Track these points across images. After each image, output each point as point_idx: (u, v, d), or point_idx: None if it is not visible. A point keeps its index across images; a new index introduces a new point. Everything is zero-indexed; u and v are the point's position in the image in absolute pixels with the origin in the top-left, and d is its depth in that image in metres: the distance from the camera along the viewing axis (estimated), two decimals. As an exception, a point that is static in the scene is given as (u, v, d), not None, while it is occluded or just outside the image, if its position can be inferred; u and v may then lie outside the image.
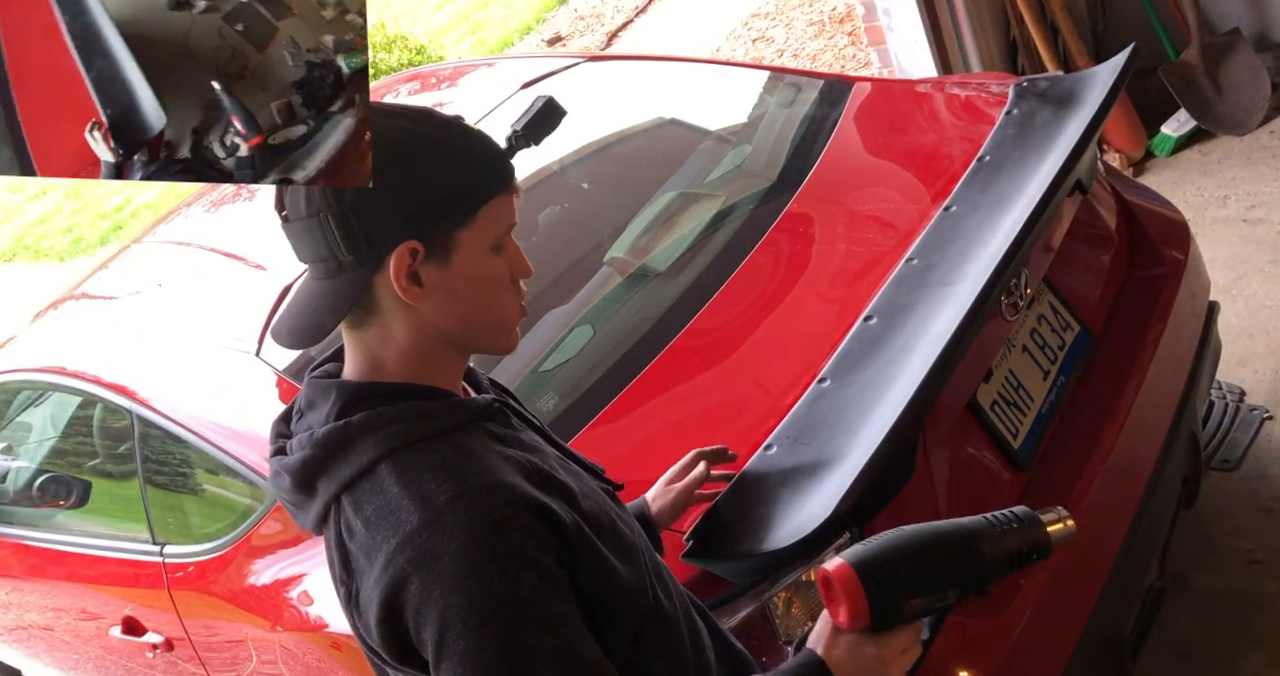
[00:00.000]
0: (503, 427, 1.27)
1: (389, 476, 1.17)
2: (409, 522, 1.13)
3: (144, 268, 3.02)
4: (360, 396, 1.22)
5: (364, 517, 1.17)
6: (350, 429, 1.19)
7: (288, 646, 2.30)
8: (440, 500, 1.14)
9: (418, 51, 7.50)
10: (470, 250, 1.21)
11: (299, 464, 1.22)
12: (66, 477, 3.06)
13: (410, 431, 1.19)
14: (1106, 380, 2.29)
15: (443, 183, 1.19)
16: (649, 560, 1.33)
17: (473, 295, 1.23)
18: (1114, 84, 2.30)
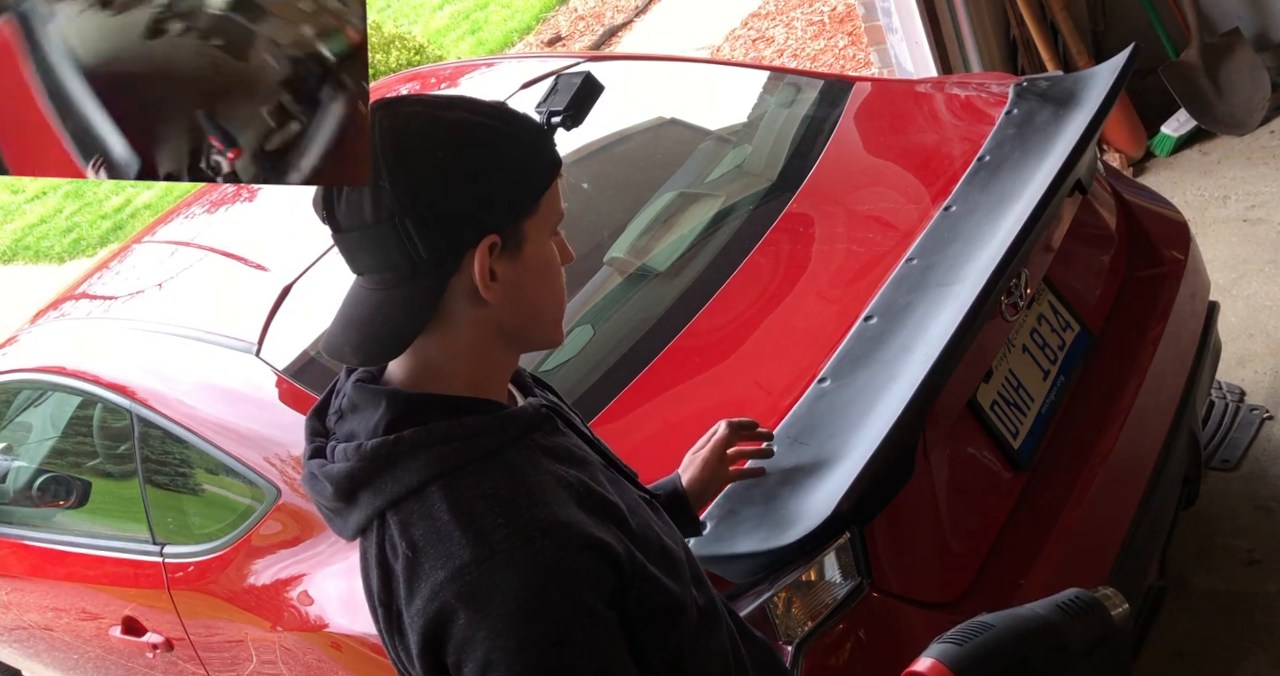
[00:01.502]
0: (551, 437, 1.24)
1: (440, 501, 1.13)
2: (460, 556, 1.10)
3: (144, 268, 3.02)
4: (411, 410, 1.18)
5: (410, 540, 1.13)
6: (401, 445, 1.15)
7: (288, 646, 2.30)
8: (495, 537, 1.10)
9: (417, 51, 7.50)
10: (537, 239, 1.19)
11: (344, 475, 1.18)
12: (66, 477, 3.06)
13: (463, 452, 1.15)
14: (1106, 380, 2.29)
15: (512, 171, 1.17)
16: (690, 567, 1.31)
17: (539, 286, 1.21)
18: (1114, 84, 2.30)
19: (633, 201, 2.61)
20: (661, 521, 1.33)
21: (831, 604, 1.78)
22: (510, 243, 1.17)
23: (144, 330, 2.68)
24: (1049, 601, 1.28)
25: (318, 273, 2.44)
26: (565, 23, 8.48)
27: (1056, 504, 2.07)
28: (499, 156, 1.16)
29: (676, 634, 1.22)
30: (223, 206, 3.09)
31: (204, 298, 2.69)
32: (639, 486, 1.39)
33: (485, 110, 1.18)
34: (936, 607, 1.88)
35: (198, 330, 2.51)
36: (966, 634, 1.23)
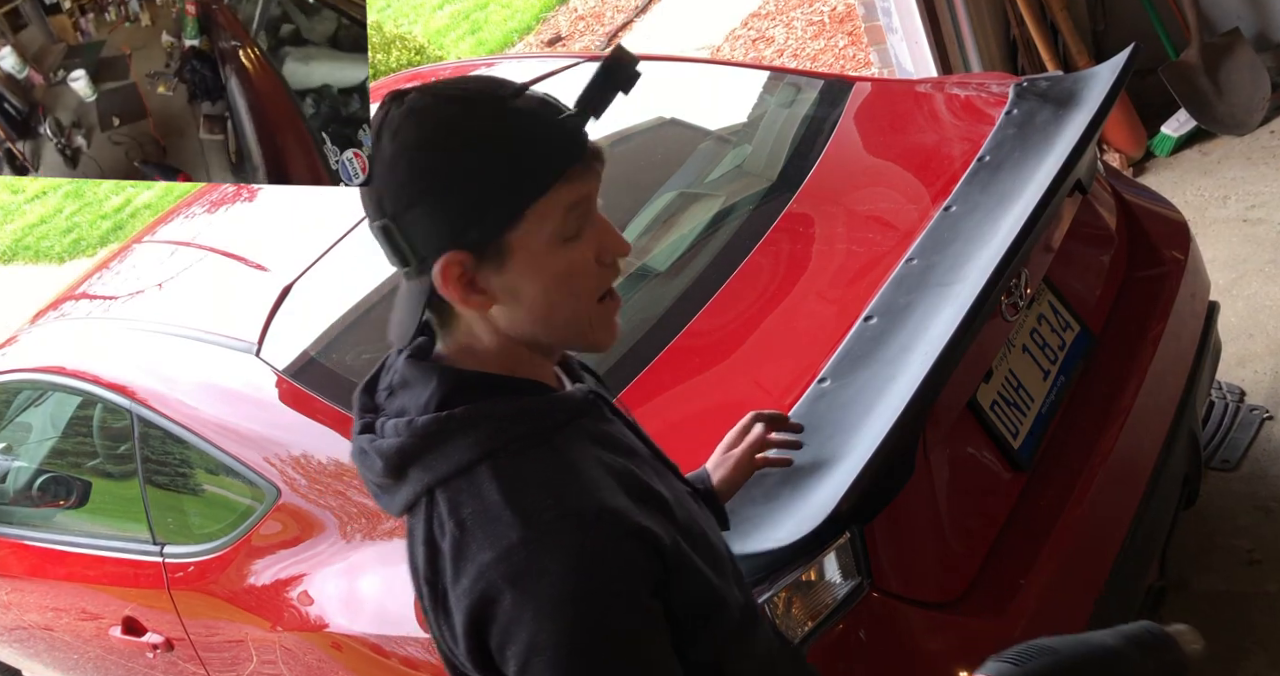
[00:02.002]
0: (599, 424, 1.22)
1: (489, 481, 1.12)
2: (508, 536, 1.09)
3: (144, 268, 3.02)
4: (461, 386, 1.17)
5: (459, 519, 1.12)
6: (452, 422, 1.14)
7: (288, 646, 2.30)
8: (544, 519, 1.09)
9: (418, 51, 7.50)
10: (529, 249, 1.13)
11: (394, 450, 1.16)
12: (66, 477, 3.06)
13: (512, 432, 1.14)
14: (1106, 380, 2.29)
15: (481, 186, 1.11)
16: (736, 566, 1.30)
17: (544, 296, 1.15)
18: (1114, 84, 2.30)
19: (633, 201, 2.61)
20: (705, 516, 1.32)
21: (831, 604, 1.78)
22: (489, 257, 1.13)
23: (144, 330, 2.68)
24: (1118, 632, 1.23)
25: (318, 273, 2.44)
26: (565, 23, 8.48)
27: (1056, 504, 2.07)
28: (468, 171, 1.11)
29: (718, 630, 1.21)
30: (223, 206, 3.09)
31: (204, 298, 2.69)
32: (682, 479, 1.37)
33: (479, 113, 1.13)
34: (936, 607, 1.88)
35: (198, 330, 2.51)
36: (1026, 655, 1.20)
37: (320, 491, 2.23)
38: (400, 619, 2.09)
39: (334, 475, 2.21)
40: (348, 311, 2.42)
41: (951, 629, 1.86)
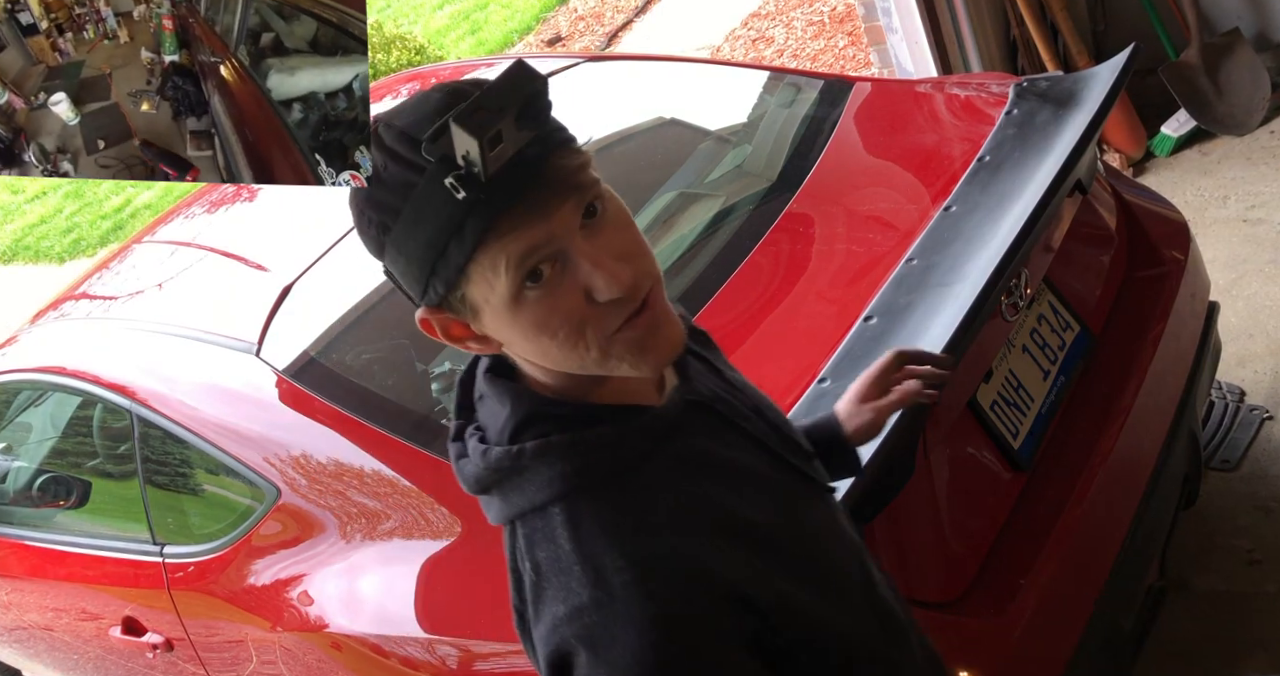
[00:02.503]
0: (693, 441, 1.12)
1: (561, 526, 1.05)
2: (579, 594, 1.03)
3: (144, 268, 3.02)
4: (532, 418, 1.08)
5: (534, 561, 1.07)
6: (523, 458, 1.07)
7: (288, 646, 2.30)
8: (614, 581, 1.02)
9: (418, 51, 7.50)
10: (492, 306, 1.02)
11: (473, 478, 1.11)
12: (66, 477, 3.06)
13: (585, 471, 1.06)
14: (1106, 380, 2.29)
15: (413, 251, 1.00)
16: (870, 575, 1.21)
17: (533, 346, 1.05)
18: (1114, 84, 2.30)
19: (633, 201, 2.58)
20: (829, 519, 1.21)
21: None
22: (459, 309, 1.03)
23: (144, 330, 2.68)
24: None
25: (318, 273, 2.44)
26: (565, 23, 8.48)
27: (1056, 504, 2.07)
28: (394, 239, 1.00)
29: (840, 657, 1.13)
30: (223, 206, 3.09)
31: (204, 298, 2.69)
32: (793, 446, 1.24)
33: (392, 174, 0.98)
34: (937, 608, 1.88)
35: (198, 330, 2.51)
36: None
37: (320, 491, 2.23)
38: (400, 619, 2.09)
39: (334, 475, 2.21)
40: (348, 311, 2.42)
41: (952, 629, 1.86)
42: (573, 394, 1.10)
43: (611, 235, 1.02)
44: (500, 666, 1.95)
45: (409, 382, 2.29)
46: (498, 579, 1.97)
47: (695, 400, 1.15)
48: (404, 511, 2.11)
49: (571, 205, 0.99)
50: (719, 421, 1.16)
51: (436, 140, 0.93)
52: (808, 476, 1.23)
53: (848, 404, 1.53)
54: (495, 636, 1.94)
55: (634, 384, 1.11)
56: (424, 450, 2.09)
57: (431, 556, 2.07)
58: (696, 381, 1.19)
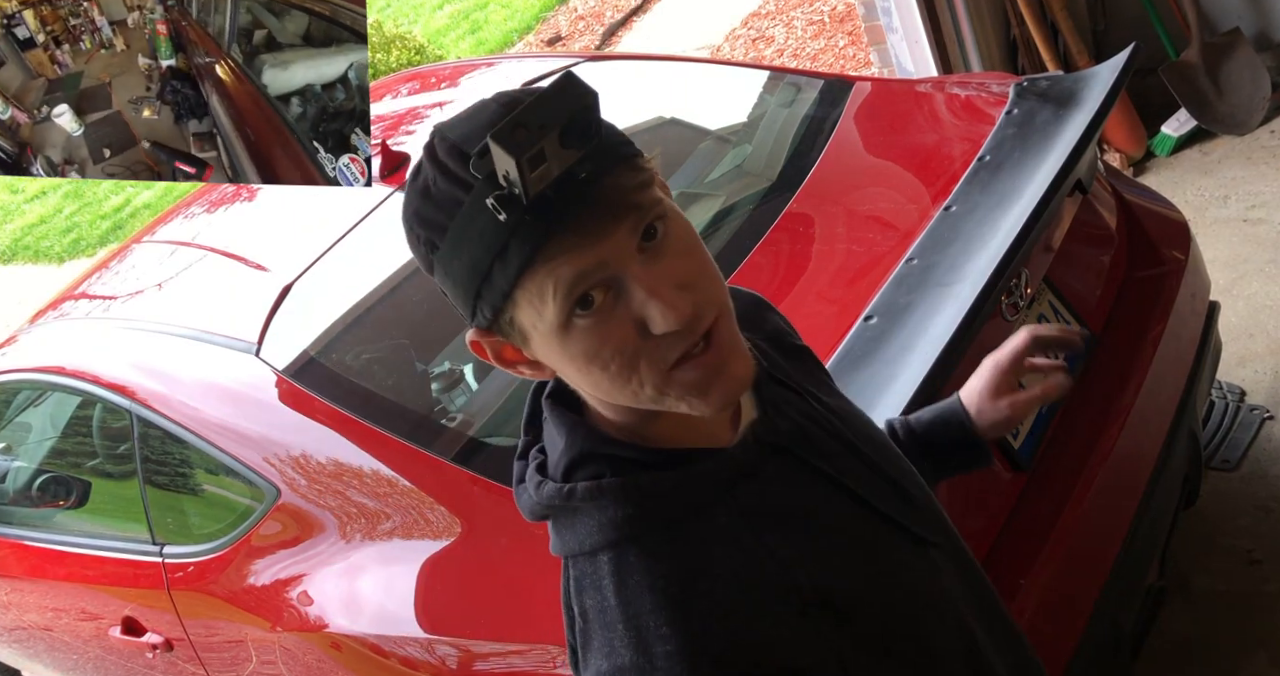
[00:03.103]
0: (764, 491, 1.02)
1: (609, 576, 0.98)
2: (621, 655, 0.96)
3: (144, 267, 3.02)
4: (587, 456, 1.01)
5: (582, 607, 1.01)
6: (574, 499, 1.00)
7: (288, 646, 2.30)
8: (657, 650, 0.94)
9: (417, 51, 7.50)
10: (540, 333, 0.94)
11: (529, 508, 1.06)
12: (66, 477, 3.06)
13: (637, 519, 0.99)
14: (1107, 380, 2.29)
15: (459, 273, 0.93)
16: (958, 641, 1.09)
17: (582, 378, 0.97)
18: (1114, 84, 2.29)
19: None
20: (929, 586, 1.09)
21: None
22: (509, 333, 0.96)
23: (144, 330, 2.68)
24: None
25: (318, 273, 2.43)
26: (565, 23, 8.48)
27: (1056, 504, 2.07)
28: (441, 258, 0.94)
29: None
30: (223, 206, 3.09)
31: (204, 297, 2.69)
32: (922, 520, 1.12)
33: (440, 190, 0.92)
34: (936, 608, 1.88)
35: (198, 330, 2.51)
36: None
37: (320, 491, 2.23)
38: (400, 619, 2.09)
39: (334, 475, 2.21)
40: (348, 311, 2.42)
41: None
42: (635, 429, 1.02)
43: (672, 261, 0.94)
44: (500, 666, 1.95)
45: (409, 382, 2.29)
46: (498, 579, 1.96)
47: (772, 441, 1.05)
48: (404, 511, 2.11)
49: (627, 228, 0.91)
50: (801, 465, 1.06)
51: (484, 156, 0.87)
52: (907, 530, 1.10)
53: (979, 397, 1.40)
54: (495, 636, 1.94)
55: (703, 420, 1.01)
56: (424, 450, 2.09)
57: (431, 556, 2.07)
58: (778, 415, 1.08)
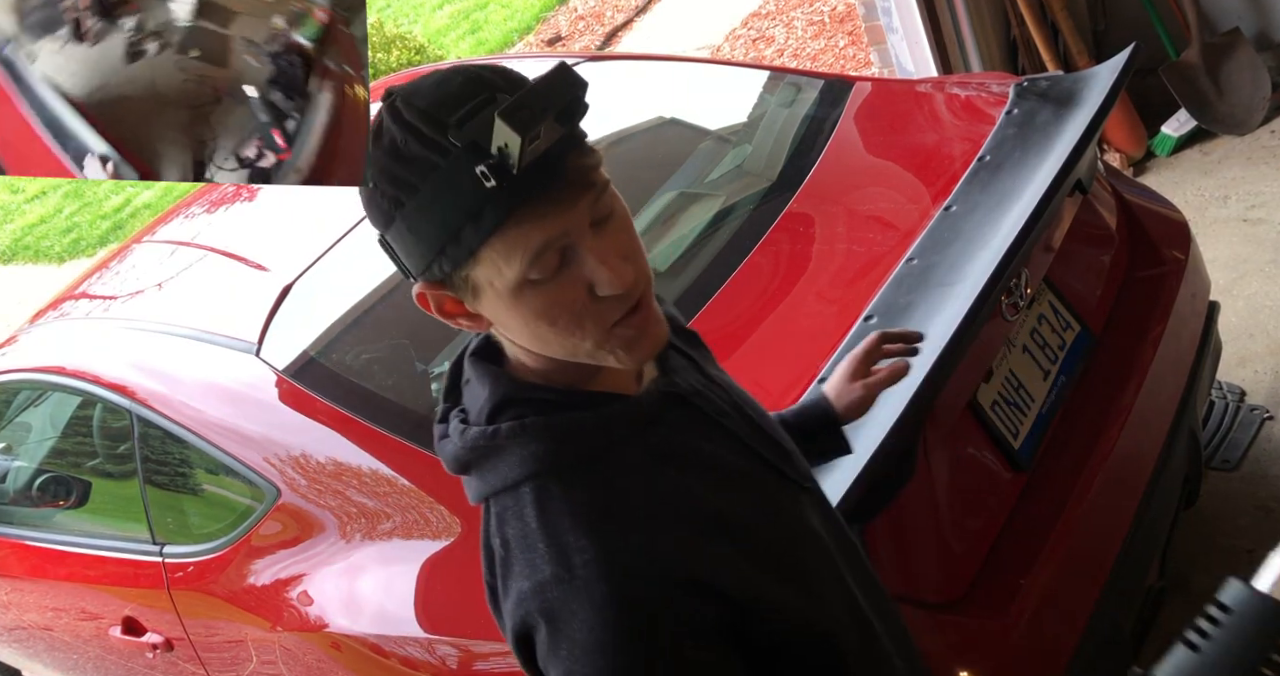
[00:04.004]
0: (668, 434, 1.13)
1: (530, 505, 1.08)
2: (542, 570, 1.05)
3: (144, 267, 3.02)
4: (510, 400, 1.11)
5: (504, 537, 1.10)
6: (497, 438, 1.10)
7: (288, 646, 2.30)
8: (576, 560, 1.04)
9: (418, 51, 7.50)
10: (496, 290, 1.04)
11: (451, 458, 1.15)
12: (66, 477, 3.06)
13: (557, 454, 1.09)
14: (1107, 380, 2.29)
15: (429, 224, 1.00)
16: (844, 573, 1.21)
17: (528, 332, 1.07)
18: (1114, 84, 2.30)
19: (633, 201, 2.58)
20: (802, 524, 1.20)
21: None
22: (461, 288, 1.05)
23: (144, 330, 2.68)
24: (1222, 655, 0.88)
25: (318, 273, 2.44)
26: (565, 23, 8.48)
27: (1056, 504, 2.07)
28: (414, 207, 1.00)
29: (822, 659, 1.14)
30: (223, 206, 3.10)
31: (204, 297, 2.69)
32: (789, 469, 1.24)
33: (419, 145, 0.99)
34: (937, 608, 1.88)
35: (198, 330, 2.51)
36: None
37: (320, 491, 2.23)
38: (400, 619, 2.09)
39: (334, 475, 2.21)
40: (348, 311, 2.42)
41: (952, 629, 1.86)
42: (555, 379, 1.12)
43: (617, 234, 1.06)
44: (500, 666, 1.95)
45: (409, 382, 2.29)
46: (498, 579, 1.93)
47: (673, 393, 1.17)
48: (404, 511, 2.11)
49: (586, 201, 1.02)
50: (697, 416, 1.18)
51: (463, 126, 0.97)
52: (785, 475, 1.23)
53: (837, 383, 1.57)
54: (495, 636, 1.94)
55: (614, 374, 1.14)
56: (424, 450, 2.09)
57: (431, 556, 2.07)
58: (677, 376, 1.21)
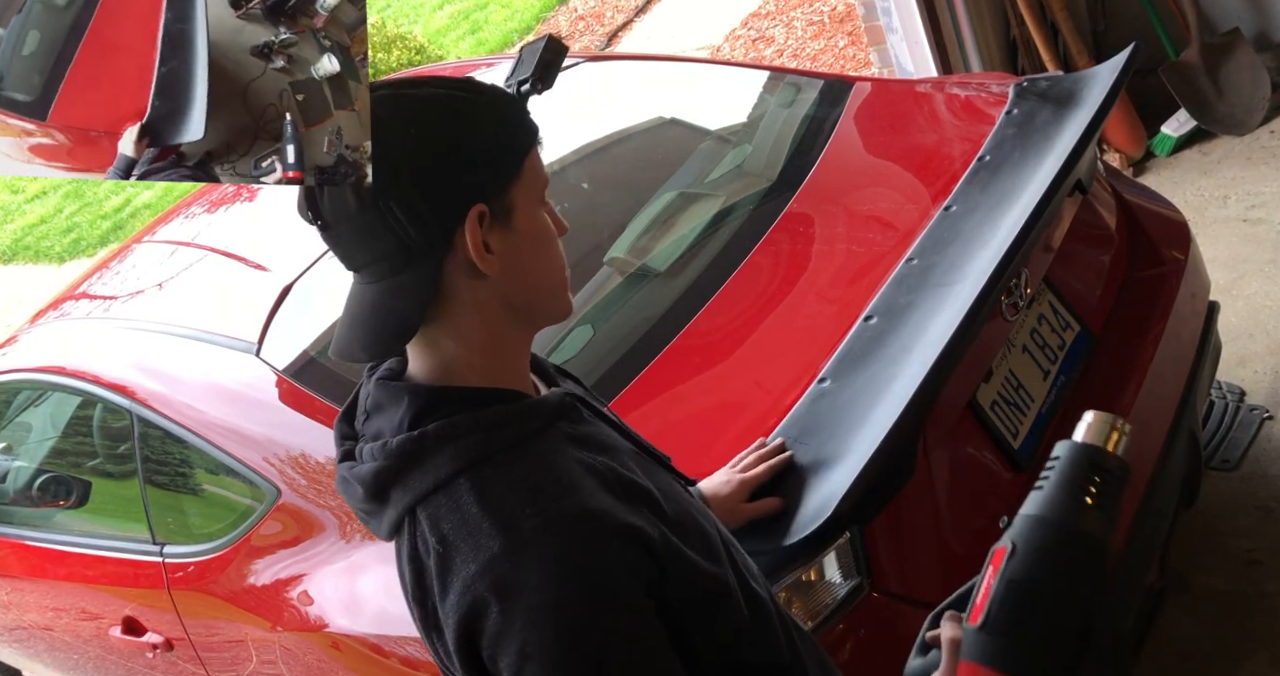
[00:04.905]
0: (577, 426, 1.22)
1: (468, 493, 1.12)
2: (489, 548, 1.09)
3: (144, 267, 3.02)
4: (433, 403, 1.17)
5: (440, 535, 1.12)
6: (425, 440, 1.14)
7: (288, 646, 2.30)
8: (524, 526, 1.09)
9: (418, 51, 7.50)
10: (525, 207, 1.17)
11: (371, 475, 1.17)
12: (66, 477, 3.06)
13: (487, 443, 1.14)
14: (1107, 380, 2.29)
15: (489, 139, 1.16)
16: (734, 554, 1.30)
17: (535, 255, 1.19)
18: (1114, 84, 2.30)
19: (633, 201, 2.61)
20: (698, 506, 1.31)
21: (831, 604, 1.78)
22: (499, 212, 1.15)
23: (144, 330, 2.68)
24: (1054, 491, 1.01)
25: (318, 272, 2.44)
26: (565, 23, 8.48)
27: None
28: (473, 125, 1.15)
29: (723, 620, 1.21)
30: (223, 206, 3.10)
31: (204, 297, 2.69)
32: (674, 471, 1.37)
33: (451, 83, 1.18)
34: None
35: (198, 330, 2.52)
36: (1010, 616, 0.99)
37: (320, 491, 2.23)
38: (400, 619, 2.08)
39: (334, 475, 2.20)
40: (348, 311, 2.42)
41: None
42: (488, 374, 1.19)
43: None
44: (500, 666, 1.95)
45: (409, 382, 2.29)
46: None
47: (573, 394, 1.26)
48: (404, 511, 2.11)
49: None
50: (596, 414, 1.29)
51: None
52: (670, 468, 1.37)
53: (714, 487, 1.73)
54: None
55: (523, 379, 1.25)
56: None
57: (431, 556, 2.07)
58: (569, 384, 1.35)
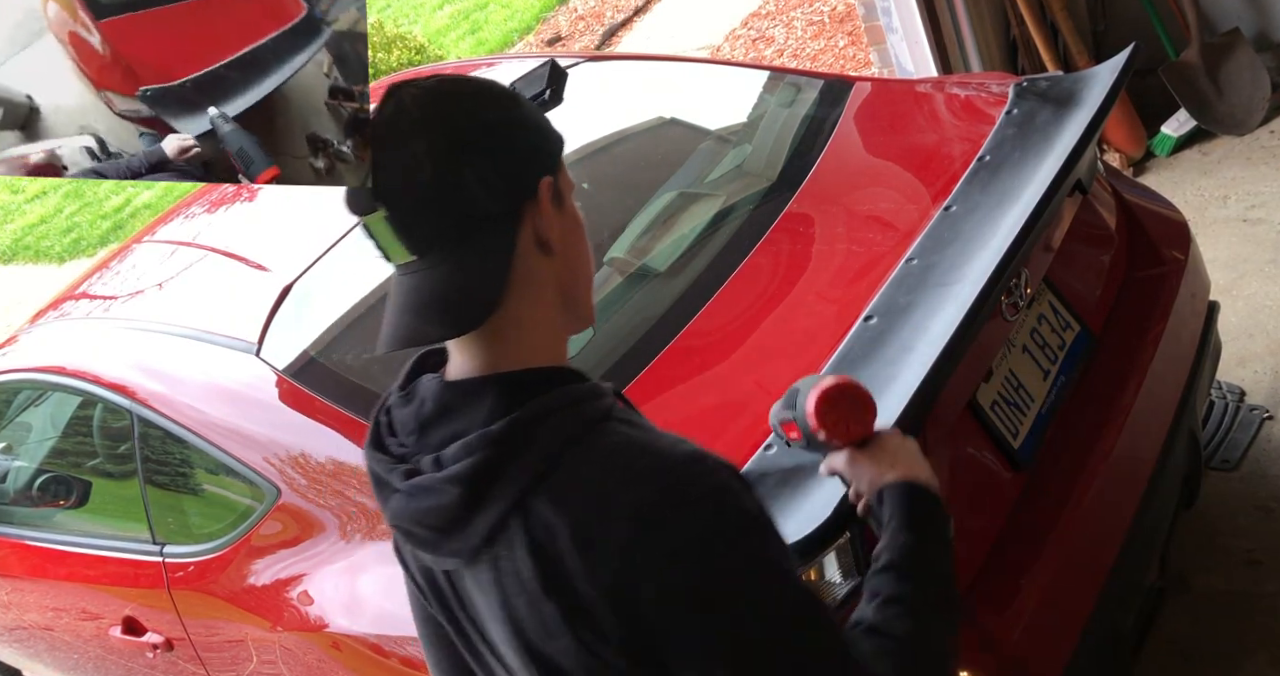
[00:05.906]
0: (628, 411, 1.23)
1: (583, 464, 1.10)
2: (630, 505, 1.07)
3: (144, 267, 3.02)
4: (519, 387, 1.13)
5: (570, 514, 1.08)
6: (527, 419, 1.11)
7: (288, 646, 2.30)
8: (657, 478, 1.09)
9: (418, 51, 7.50)
10: (569, 193, 1.20)
11: (471, 470, 1.10)
12: (66, 477, 3.06)
13: (583, 415, 1.13)
14: (1107, 380, 2.29)
15: (543, 119, 1.20)
16: None
17: (579, 242, 1.21)
18: (1114, 84, 2.30)
19: (633, 201, 2.61)
20: None
21: (832, 604, 1.78)
22: (556, 191, 1.18)
23: (144, 330, 2.68)
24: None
25: (318, 272, 2.44)
26: (565, 23, 8.48)
27: (1056, 504, 2.07)
28: (527, 106, 1.20)
29: None
30: (223, 206, 3.10)
31: (204, 297, 2.69)
32: None
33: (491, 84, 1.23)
34: (936, 607, 1.88)
35: (198, 330, 2.51)
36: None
37: (320, 491, 2.23)
38: (400, 618, 2.09)
39: (334, 475, 2.21)
40: (348, 311, 2.42)
41: (951, 629, 1.85)
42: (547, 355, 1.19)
43: None
44: (500, 666, 1.95)
45: (409, 382, 2.29)
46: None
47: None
48: (404, 511, 2.11)
49: None
50: None
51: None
52: None
53: None
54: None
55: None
56: (424, 450, 2.09)
57: (431, 556, 2.07)
58: None
